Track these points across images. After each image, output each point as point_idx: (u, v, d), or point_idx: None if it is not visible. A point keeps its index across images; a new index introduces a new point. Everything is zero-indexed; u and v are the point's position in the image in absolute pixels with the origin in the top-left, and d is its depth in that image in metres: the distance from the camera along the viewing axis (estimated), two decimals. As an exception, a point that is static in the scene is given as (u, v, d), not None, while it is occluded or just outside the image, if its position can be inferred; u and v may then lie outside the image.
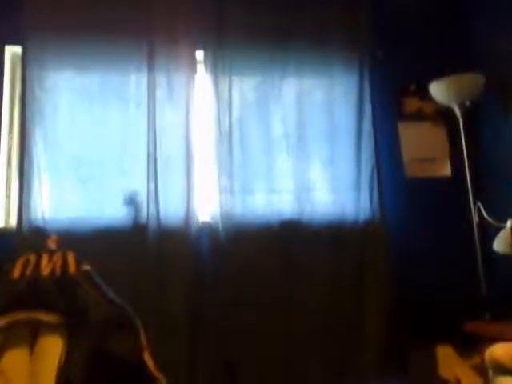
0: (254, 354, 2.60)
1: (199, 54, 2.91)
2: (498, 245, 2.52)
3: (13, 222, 2.70)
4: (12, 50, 2.88)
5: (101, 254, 2.36)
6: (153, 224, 2.67)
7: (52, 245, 1.90)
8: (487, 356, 1.83)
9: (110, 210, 2.67)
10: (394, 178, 3.01)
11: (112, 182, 2.71)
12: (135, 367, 1.65)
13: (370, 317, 2.74)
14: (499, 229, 2.56)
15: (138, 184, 2.72)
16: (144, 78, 2.80)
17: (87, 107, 2.76)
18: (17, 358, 1.63)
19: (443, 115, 3.07)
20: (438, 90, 2.87)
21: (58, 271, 1.76)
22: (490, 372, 1.87)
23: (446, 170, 3.08)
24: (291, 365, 2.64)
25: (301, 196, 2.85)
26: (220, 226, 2.73)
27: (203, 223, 2.76)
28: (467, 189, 2.84)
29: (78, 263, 1.82)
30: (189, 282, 2.63)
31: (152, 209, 2.68)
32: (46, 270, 1.75)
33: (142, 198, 2.70)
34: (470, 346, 2.48)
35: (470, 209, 2.83)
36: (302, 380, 2.63)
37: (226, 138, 2.83)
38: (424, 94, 3.01)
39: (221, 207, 2.76)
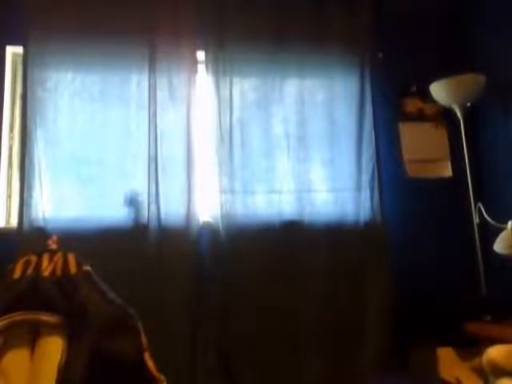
0: (254, 354, 2.60)
1: (200, 55, 2.91)
2: (499, 246, 2.52)
3: (14, 221, 2.70)
4: (13, 50, 2.89)
5: (102, 254, 2.37)
6: (154, 224, 2.68)
7: (53, 245, 1.89)
8: (484, 359, 1.83)
9: (110, 210, 2.68)
10: (395, 178, 3.01)
11: (113, 182, 2.72)
12: (135, 368, 1.66)
13: (370, 317, 2.74)
14: (500, 229, 2.56)
15: (139, 184, 2.72)
16: (145, 78, 2.81)
17: (88, 107, 2.77)
18: (17, 358, 1.63)
19: (444, 116, 3.08)
20: (439, 91, 2.87)
21: (58, 271, 1.76)
22: (490, 376, 1.87)
23: (447, 171, 3.08)
24: (291, 364, 2.64)
25: (301, 196, 2.85)
26: (221, 226, 2.74)
27: (204, 223, 2.76)
28: (468, 189, 2.84)
29: (79, 264, 1.82)
30: (189, 281, 2.64)
31: (153, 209, 2.69)
32: (46, 270, 1.75)
33: (143, 198, 2.71)
34: (471, 347, 2.48)
35: (470, 209, 2.83)
36: (301, 380, 2.63)
37: (227, 139, 2.83)
38: (425, 95, 3.02)
39: (221, 207, 2.76)
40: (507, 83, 2.80)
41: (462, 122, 2.87)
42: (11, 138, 2.85)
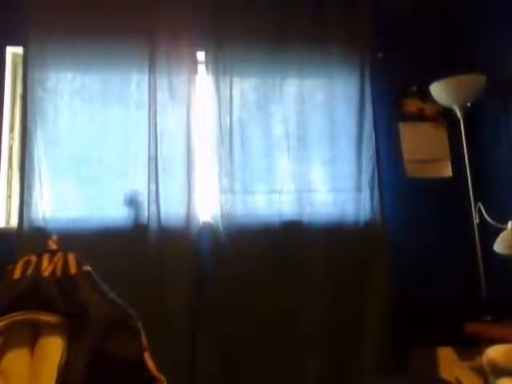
0: (254, 354, 2.61)
1: (200, 55, 2.92)
2: (499, 246, 2.52)
3: (14, 221, 2.71)
4: (13, 51, 2.89)
5: (102, 254, 2.38)
6: (154, 224, 2.68)
7: (53, 245, 1.89)
8: (484, 358, 1.84)
9: (110, 211, 2.68)
10: (395, 178, 3.01)
11: (113, 182, 2.72)
12: (135, 368, 1.65)
13: (370, 317, 2.74)
14: (500, 229, 2.56)
15: (139, 184, 2.73)
16: (145, 78, 2.81)
17: (88, 108, 2.77)
18: (17, 358, 1.62)
19: (444, 116, 3.08)
20: (439, 91, 2.87)
21: (58, 272, 1.76)
22: (490, 376, 1.87)
23: (447, 171, 3.08)
24: (291, 365, 2.64)
25: (301, 196, 2.85)
26: (220, 226, 2.74)
27: (204, 223, 2.76)
28: (468, 189, 2.84)
29: (79, 264, 1.81)
30: (189, 281, 2.64)
31: (153, 209, 2.69)
32: (46, 270, 1.75)
33: (143, 198, 2.71)
34: (471, 347, 2.48)
35: (470, 210, 2.83)
36: (302, 380, 2.63)
37: (227, 139, 2.83)
38: (425, 95, 3.02)
39: (221, 207, 2.76)
40: (507, 83, 2.80)
41: (461, 122, 2.87)
42: (11, 139, 2.86)
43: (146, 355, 1.69)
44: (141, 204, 2.71)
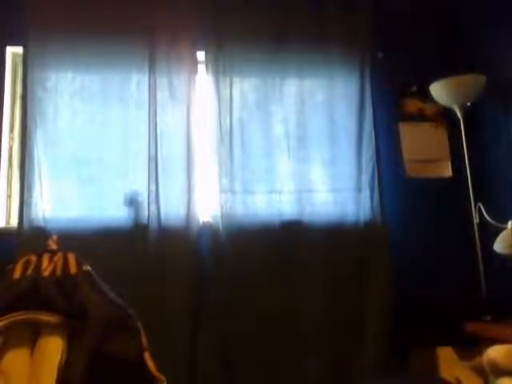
0: (254, 354, 2.61)
1: (200, 55, 2.92)
2: (499, 246, 2.52)
3: (14, 221, 2.71)
4: (13, 50, 2.89)
5: (102, 254, 2.38)
6: (154, 224, 2.68)
7: (53, 245, 1.89)
8: (484, 358, 1.84)
9: (110, 210, 2.68)
10: (395, 178, 3.01)
11: (113, 182, 2.72)
12: (135, 368, 1.65)
13: (370, 317, 2.74)
14: (500, 229, 2.56)
15: (139, 184, 2.73)
16: (145, 78, 2.81)
17: (88, 107, 2.77)
18: (17, 358, 1.62)
19: (444, 116, 3.08)
20: (439, 91, 2.87)
21: (58, 271, 1.76)
22: (490, 375, 1.87)
23: (447, 171, 3.08)
24: (291, 365, 2.64)
25: (301, 196, 2.85)
26: (220, 226, 2.74)
27: (204, 223, 2.76)
28: (468, 189, 2.84)
29: (79, 264, 1.81)
30: (189, 281, 2.64)
31: (153, 209, 2.69)
32: (46, 270, 1.75)
33: (143, 198, 2.71)
34: (471, 346, 2.49)
35: (470, 209, 2.83)
36: (302, 380, 2.63)
37: (227, 139, 2.83)
38: (425, 95, 3.02)
39: (221, 207, 2.76)
40: (507, 83, 2.80)
41: (461, 122, 2.87)
42: (11, 138, 2.86)
43: (146, 355, 1.69)
44: (141, 204, 2.71)
